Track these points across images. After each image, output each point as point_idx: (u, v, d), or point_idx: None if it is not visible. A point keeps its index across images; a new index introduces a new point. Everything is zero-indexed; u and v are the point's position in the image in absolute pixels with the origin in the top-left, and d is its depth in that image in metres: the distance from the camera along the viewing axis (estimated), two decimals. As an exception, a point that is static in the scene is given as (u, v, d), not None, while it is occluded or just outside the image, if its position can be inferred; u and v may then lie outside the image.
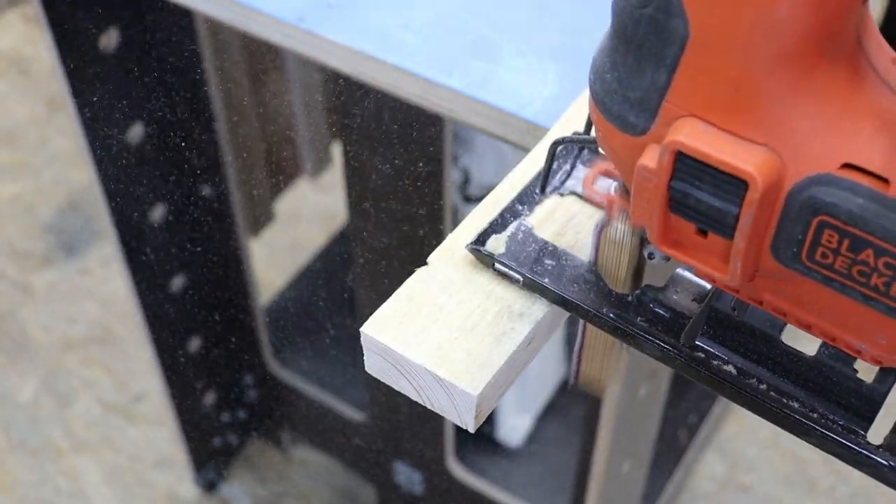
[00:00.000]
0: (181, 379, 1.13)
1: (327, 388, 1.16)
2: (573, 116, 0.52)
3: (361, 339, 0.44)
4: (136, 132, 0.90)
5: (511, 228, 0.46)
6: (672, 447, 1.22)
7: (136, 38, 0.84)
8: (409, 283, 0.45)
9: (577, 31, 0.62)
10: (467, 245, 0.45)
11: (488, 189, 0.49)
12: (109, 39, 0.82)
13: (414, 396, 0.44)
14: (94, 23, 0.81)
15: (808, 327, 0.38)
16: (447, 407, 0.44)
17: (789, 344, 0.41)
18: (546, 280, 0.44)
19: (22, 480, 1.31)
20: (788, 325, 0.40)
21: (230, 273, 1.09)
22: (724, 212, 0.34)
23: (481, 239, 0.46)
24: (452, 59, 0.61)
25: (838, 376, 0.40)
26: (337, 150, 1.15)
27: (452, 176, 0.95)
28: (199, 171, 0.98)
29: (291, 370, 1.18)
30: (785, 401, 0.40)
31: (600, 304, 0.44)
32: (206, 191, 1.00)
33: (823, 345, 0.40)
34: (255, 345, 1.17)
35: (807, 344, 0.41)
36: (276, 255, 1.49)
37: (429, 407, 0.44)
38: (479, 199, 0.49)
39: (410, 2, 0.65)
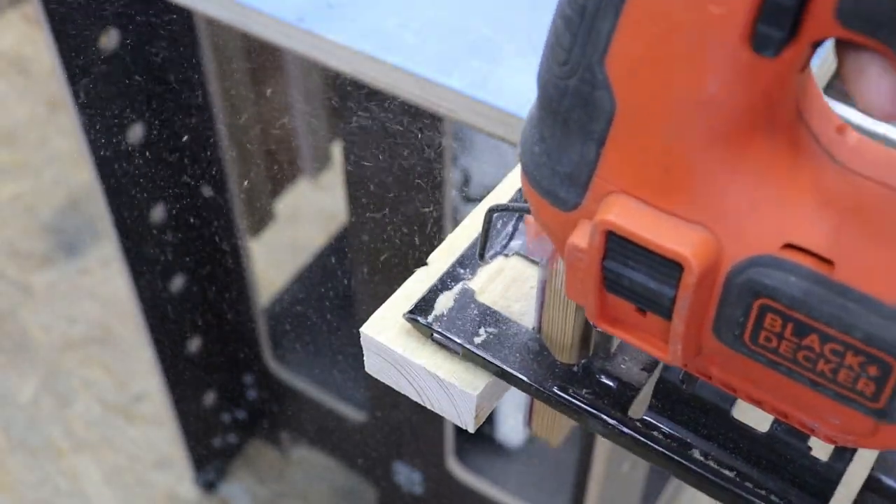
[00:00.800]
0: (181, 379, 1.13)
1: (327, 388, 1.16)
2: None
3: (361, 339, 0.44)
4: (136, 132, 0.90)
5: (452, 293, 0.43)
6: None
7: (137, 38, 0.84)
8: (409, 283, 0.45)
9: (577, 31, 0.62)
10: (404, 314, 0.43)
11: (488, 189, 0.49)
12: (109, 39, 0.82)
13: (414, 396, 0.44)
14: (95, 23, 0.81)
15: (758, 403, 0.35)
16: (447, 407, 0.43)
17: (741, 418, 0.39)
18: (485, 352, 0.42)
19: (22, 480, 1.31)
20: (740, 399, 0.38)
21: (230, 273, 1.09)
22: (660, 294, 0.32)
23: (420, 306, 0.43)
24: (452, 59, 0.61)
25: (792, 454, 0.37)
26: (337, 150, 1.15)
27: (452, 176, 0.95)
28: (199, 171, 0.98)
29: (291, 370, 1.18)
30: (737, 479, 0.38)
31: (544, 377, 0.41)
32: (206, 191, 1.00)
33: (776, 420, 0.38)
34: (254, 345, 1.17)
35: (759, 418, 0.38)
36: (276, 255, 1.49)
37: (429, 407, 0.44)
38: (479, 200, 0.48)
39: (410, 2, 0.65)
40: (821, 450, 0.37)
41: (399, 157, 0.76)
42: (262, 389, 1.22)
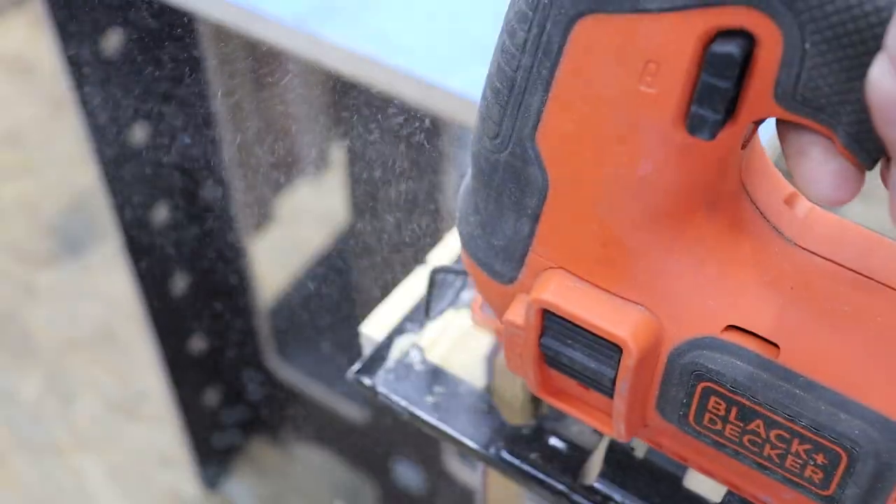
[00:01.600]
0: (183, 378, 1.14)
1: (328, 386, 1.16)
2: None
3: (361, 338, 0.44)
4: (138, 132, 0.90)
5: (400, 348, 0.42)
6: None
7: (139, 39, 0.84)
8: (409, 282, 0.46)
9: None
10: (348, 374, 0.41)
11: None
12: (112, 40, 0.83)
13: (413, 395, 0.45)
14: (97, 24, 0.81)
15: (710, 474, 0.34)
16: (445, 405, 0.44)
17: (694, 486, 0.37)
18: (432, 416, 0.40)
19: (25, 479, 1.31)
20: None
21: (232, 272, 1.09)
22: (599, 374, 0.31)
23: (368, 365, 0.41)
24: (453, 60, 0.61)
25: None
26: (337, 150, 1.16)
27: (452, 176, 0.95)
28: (200, 172, 0.98)
29: (293, 369, 1.18)
30: None
31: (491, 441, 0.39)
32: (207, 191, 1.01)
33: (729, 491, 0.36)
34: (256, 344, 1.17)
35: (713, 486, 0.37)
36: (277, 255, 1.49)
37: (428, 405, 0.44)
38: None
39: (410, 3, 0.65)
40: None
41: (399, 158, 0.76)
42: (263, 388, 1.23)
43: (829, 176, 0.25)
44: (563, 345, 0.31)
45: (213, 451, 1.29)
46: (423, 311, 0.43)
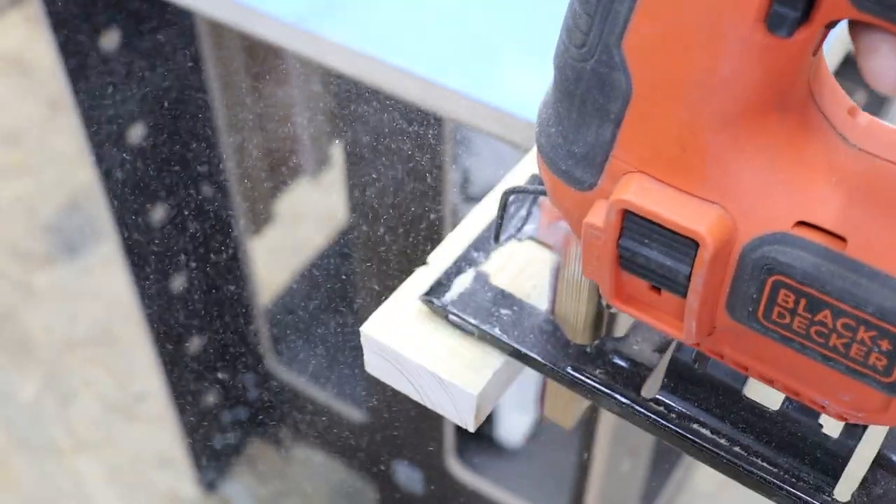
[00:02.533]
0: (182, 378, 1.14)
1: (327, 387, 1.16)
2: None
3: (361, 338, 0.44)
4: (136, 132, 0.90)
5: (467, 276, 0.44)
6: (672, 447, 1.21)
7: (137, 38, 0.84)
8: (409, 282, 0.45)
9: (576, 31, 0.62)
10: (420, 296, 0.43)
11: (488, 189, 0.49)
12: (110, 39, 0.83)
13: (414, 396, 0.45)
14: (95, 23, 0.81)
15: (770, 382, 0.36)
16: (447, 407, 0.44)
17: (753, 397, 0.39)
18: (500, 331, 0.42)
19: (23, 480, 1.31)
20: (752, 378, 0.38)
21: (231, 273, 1.09)
22: (675, 271, 0.33)
23: (435, 288, 0.44)
24: (452, 59, 0.61)
25: (804, 431, 0.38)
26: (337, 150, 1.16)
27: (452, 176, 0.95)
28: (199, 171, 0.98)
29: (292, 370, 1.18)
30: (748, 457, 0.38)
31: (557, 357, 0.42)
32: (206, 191, 1.00)
33: (787, 398, 0.38)
34: (255, 344, 1.17)
35: (771, 396, 0.39)
36: (276, 255, 1.49)
37: (429, 407, 0.44)
38: (479, 199, 0.48)
39: (410, 2, 0.65)
40: (831, 427, 0.38)
41: (399, 157, 0.76)
42: (262, 389, 1.22)
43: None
44: (640, 245, 0.33)
45: (212, 452, 1.29)
46: (489, 241, 0.45)
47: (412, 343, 0.43)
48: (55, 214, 1.60)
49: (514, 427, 1.15)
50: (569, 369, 0.41)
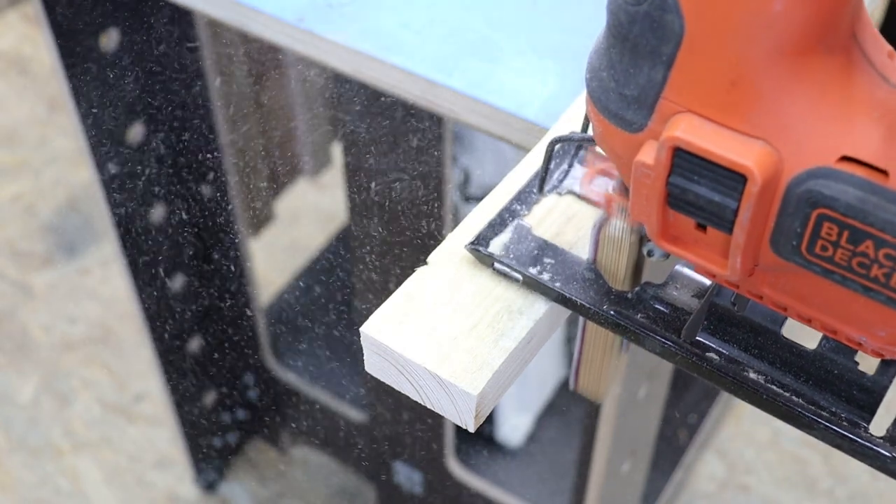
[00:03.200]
0: (181, 379, 1.14)
1: (327, 387, 1.16)
2: (573, 117, 0.52)
3: (361, 338, 0.44)
4: (135, 132, 0.90)
5: (510, 228, 0.46)
6: (672, 447, 1.22)
7: (136, 37, 0.84)
8: (409, 282, 0.45)
9: (576, 30, 0.62)
10: (466, 245, 0.45)
11: (488, 189, 0.49)
12: (109, 39, 0.83)
13: (414, 396, 0.44)
14: (94, 23, 0.81)
15: (808, 321, 0.38)
16: (447, 407, 0.44)
17: (790, 338, 0.41)
18: (545, 278, 0.44)
19: (22, 480, 1.31)
20: (789, 320, 0.40)
21: (230, 273, 1.09)
22: (722, 206, 0.34)
23: (480, 239, 0.46)
24: (452, 59, 0.61)
25: (840, 369, 0.40)
26: (337, 150, 1.16)
27: (452, 176, 0.95)
28: (198, 171, 0.98)
29: (291, 370, 1.18)
30: (787, 394, 0.40)
31: (600, 302, 0.44)
32: (206, 191, 1.00)
33: (824, 338, 0.40)
34: (255, 345, 1.17)
35: (808, 338, 0.41)
36: (276, 255, 1.49)
37: (429, 407, 0.44)
38: (479, 199, 0.49)
39: (410, 2, 0.65)
40: (867, 365, 0.40)
41: (399, 157, 0.76)
42: (262, 389, 1.22)
43: None
44: (689, 181, 0.34)
45: (211, 453, 1.28)
46: (530, 195, 0.47)
47: (412, 343, 0.43)
48: (54, 214, 1.60)
49: (514, 427, 1.15)
50: (612, 312, 0.43)
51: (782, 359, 0.41)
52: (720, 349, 0.41)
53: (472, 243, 0.45)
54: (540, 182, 0.47)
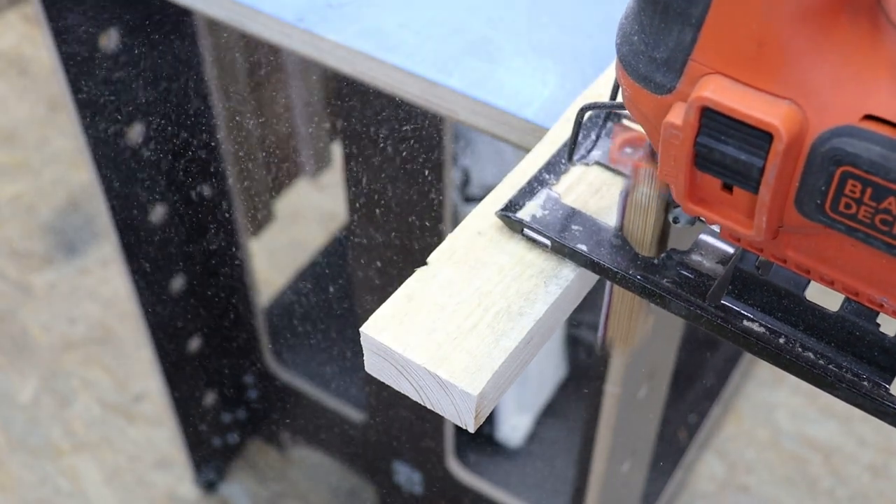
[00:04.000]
0: (181, 379, 1.14)
1: (327, 388, 1.16)
2: (573, 117, 0.52)
3: (361, 339, 0.44)
4: (136, 132, 0.90)
5: (539, 196, 0.48)
6: (672, 447, 1.22)
7: (136, 37, 0.84)
8: (409, 283, 0.45)
9: (577, 30, 0.62)
10: (497, 212, 0.47)
11: (488, 189, 0.49)
12: (109, 39, 0.82)
13: (414, 396, 0.44)
14: (94, 23, 0.81)
15: (830, 283, 0.38)
16: (447, 407, 0.44)
17: (813, 301, 0.42)
18: (573, 243, 0.46)
19: (22, 480, 1.31)
20: (812, 284, 0.41)
21: (230, 273, 1.09)
22: (749, 164, 0.35)
23: (511, 206, 0.47)
24: (452, 59, 0.61)
25: (861, 331, 0.40)
26: (337, 150, 1.15)
27: (452, 176, 0.95)
28: (199, 171, 0.98)
29: (291, 370, 1.18)
30: (810, 356, 0.41)
31: (627, 267, 0.45)
32: (206, 191, 1.00)
33: (846, 301, 0.41)
34: (254, 345, 1.17)
35: (830, 302, 0.42)
36: (276, 255, 1.49)
37: (429, 407, 0.44)
38: (479, 199, 0.49)
39: (410, 2, 0.65)
40: (888, 327, 0.41)
41: (399, 157, 0.76)
42: (262, 389, 1.22)
43: None
44: (717, 141, 0.35)
45: (211, 453, 1.28)
46: (559, 164, 0.49)
47: (412, 343, 0.43)
48: (54, 214, 1.60)
49: (514, 427, 1.15)
50: (638, 277, 0.44)
51: (805, 321, 0.42)
52: (745, 312, 0.42)
53: (503, 209, 0.47)
54: (569, 151, 0.48)
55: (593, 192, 0.49)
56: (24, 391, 1.40)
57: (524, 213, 0.47)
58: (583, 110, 0.46)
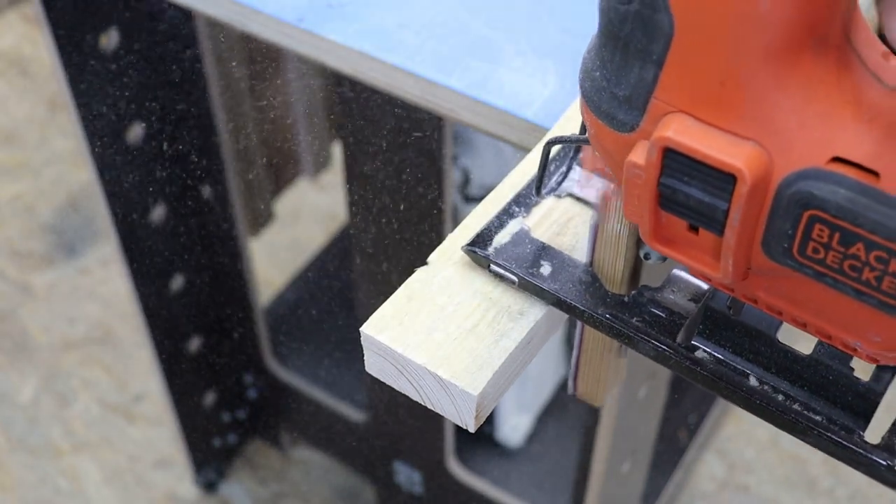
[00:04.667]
0: (181, 379, 1.14)
1: (327, 388, 1.16)
2: (573, 116, 0.52)
3: (362, 338, 0.44)
4: (136, 132, 0.90)
5: (507, 230, 0.46)
6: (672, 447, 1.22)
7: (136, 37, 0.84)
8: (409, 283, 0.45)
9: (576, 31, 0.62)
10: (463, 247, 0.45)
11: (488, 189, 0.49)
12: (109, 39, 0.82)
13: (414, 396, 0.44)
14: (94, 23, 0.81)
15: (803, 325, 0.37)
16: (447, 407, 0.44)
17: (785, 343, 0.41)
18: (542, 281, 0.44)
19: (22, 480, 1.31)
20: (784, 324, 0.40)
21: (230, 273, 1.09)
22: (713, 207, 0.34)
23: (477, 241, 0.45)
24: (452, 59, 0.61)
25: (835, 375, 0.39)
26: (337, 150, 1.15)
27: (452, 176, 0.95)
28: (199, 171, 0.98)
29: (291, 370, 1.18)
30: (782, 400, 0.40)
31: (596, 305, 0.44)
32: (206, 191, 1.00)
33: (819, 343, 0.40)
34: (254, 345, 1.17)
35: (803, 343, 0.40)
36: (276, 255, 1.49)
37: (429, 407, 0.44)
38: (479, 199, 0.49)
39: (410, 2, 0.65)
40: (862, 371, 0.39)
41: (399, 157, 0.76)
42: (262, 389, 1.22)
43: None
44: (680, 182, 0.34)
45: (211, 453, 1.28)
46: (529, 197, 0.47)
47: (412, 343, 0.43)
48: (54, 214, 1.60)
49: (514, 427, 1.15)
50: (607, 316, 0.43)
51: (777, 364, 0.40)
52: (715, 354, 0.41)
53: (470, 245, 0.45)
54: (537, 184, 0.46)
55: (564, 224, 0.47)
56: (24, 391, 1.40)
57: (493, 247, 0.45)
58: (549, 144, 0.44)
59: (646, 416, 0.86)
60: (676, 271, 0.44)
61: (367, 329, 0.44)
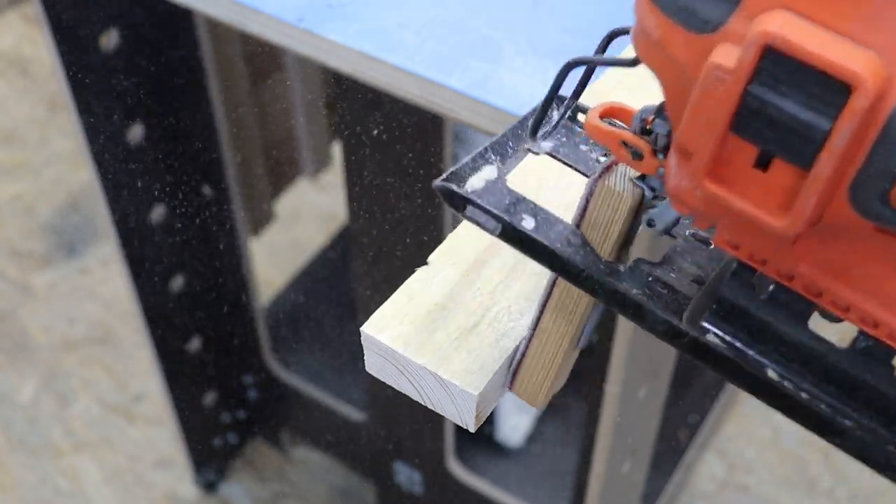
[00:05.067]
0: (181, 379, 1.14)
1: (327, 388, 1.16)
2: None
3: (362, 338, 0.44)
4: (136, 132, 0.90)
5: (482, 175, 0.38)
6: (672, 447, 1.22)
7: (136, 38, 0.84)
8: (409, 283, 0.45)
9: (577, 31, 0.62)
10: (435, 183, 0.38)
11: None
12: (109, 39, 0.82)
13: (414, 396, 0.44)
14: (95, 23, 0.81)
15: (845, 310, 0.32)
16: (447, 407, 0.44)
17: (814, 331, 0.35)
18: (528, 227, 0.37)
19: (22, 480, 1.31)
20: (812, 315, 0.34)
21: (230, 273, 1.09)
22: (811, 127, 0.28)
23: (451, 179, 0.38)
24: (452, 59, 0.61)
25: (871, 372, 0.33)
26: (337, 150, 1.16)
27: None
28: (199, 171, 0.98)
29: (291, 370, 1.18)
30: (806, 396, 0.34)
31: (592, 267, 0.37)
32: (206, 191, 1.00)
33: (859, 335, 0.34)
34: (254, 344, 1.17)
35: (832, 336, 0.35)
36: (276, 255, 1.49)
37: (429, 407, 0.44)
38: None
39: (410, 1, 0.65)
40: None
41: (399, 157, 0.76)
42: (262, 389, 1.22)
43: None
44: (775, 93, 0.28)
45: (211, 453, 1.28)
46: (504, 146, 0.40)
47: (412, 343, 0.43)
48: (54, 214, 1.60)
49: (514, 427, 1.15)
50: (609, 281, 0.36)
51: (803, 355, 0.34)
52: (729, 338, 0.35)
53: (444, 179, 0.37)
54: (535, 121, 0.39)
55: (541, 184, 0.41)
56: (24, 391, 1.40)
57: (469, 187, 0.37)
58: (568, 66, 0.37)
59: (646, 416, 0.86)
60: (673, 253, 0.38)
61: (367, 329, 0.44)
